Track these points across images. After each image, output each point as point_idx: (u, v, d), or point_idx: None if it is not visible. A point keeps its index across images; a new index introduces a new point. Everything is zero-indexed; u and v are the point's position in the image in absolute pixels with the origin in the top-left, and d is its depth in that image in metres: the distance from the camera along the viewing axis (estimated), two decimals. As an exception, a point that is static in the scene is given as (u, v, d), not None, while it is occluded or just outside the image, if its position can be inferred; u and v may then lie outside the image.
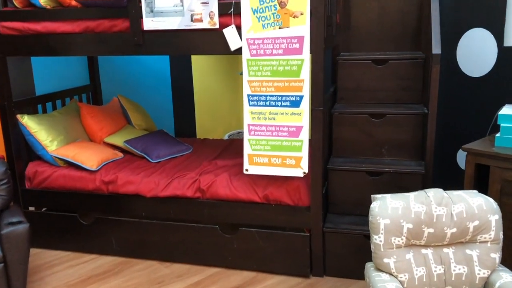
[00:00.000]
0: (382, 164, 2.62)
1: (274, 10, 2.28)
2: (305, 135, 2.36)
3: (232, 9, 2.33)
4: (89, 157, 2.84)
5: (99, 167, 2.84)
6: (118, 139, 3.18)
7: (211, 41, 2.40)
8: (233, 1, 2.33)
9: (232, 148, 3.28)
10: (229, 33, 2.35)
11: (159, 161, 2.99)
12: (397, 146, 2.68)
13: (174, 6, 2.40)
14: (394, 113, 2.64)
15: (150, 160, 2.99)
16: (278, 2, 2.27)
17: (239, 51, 2.37)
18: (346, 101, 2.86)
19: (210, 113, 4.19)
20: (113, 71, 4.00)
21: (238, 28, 2.35)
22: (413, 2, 2.99)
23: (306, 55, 2.28)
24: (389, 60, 2.78)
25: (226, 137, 4.02)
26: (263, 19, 2.30)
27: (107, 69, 3.99)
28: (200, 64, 3.92)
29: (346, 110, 2.70)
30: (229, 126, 4.34)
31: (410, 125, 2.63)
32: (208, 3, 2.36)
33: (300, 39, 2.27)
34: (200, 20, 2.38)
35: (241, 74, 3.87)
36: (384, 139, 2.69)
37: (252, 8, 2.31)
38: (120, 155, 3.08)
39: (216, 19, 2.36)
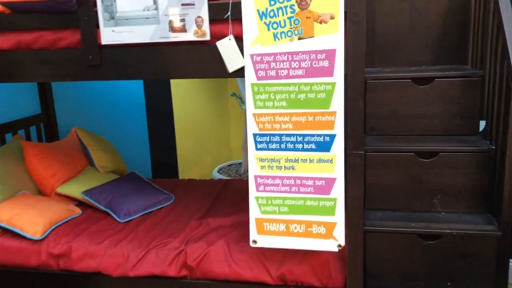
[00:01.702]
0: (437, 221, 1.91)
1: (292, 13, 1.57)
2: (339, 191, 1.64)
3: (229, 13, 1.61)
4: (32, 220, 2.06)
5: (45, 234, 2.06)
6: (75, 188, 2.40)
7: (199, 60, 1.68)
8: (230, 1, 1.62)
9: (227, 193, 2.53)
10: (226, 47, 1.63)
11: (129, 220, 2.22)
12: (454, 195, 1.98)
13: (144, 9, 1.67)
14: (450, 151, 1.95)
15: (118, 219, 2.22)
16: (297, 2, 1.56)
17: (240, 72, 1.65)
18: (379, 132, 2.16)
19: (195, 142, 3.45)
20: (72, 95, 3.20)
21: (239, 40, 1.63)
22: (457, 2, 2.32)
23: (339, 77, 1.57)
24: (434, 79, 2.09)
25: (215, 172, 3.27)
26: (274, 26, 1.59)
27: (64, 93, 3.19)
28: (181, 84, 3.18)
29: (383, 146, 2.00)
30: (218, 158, 3.59)
31: (472, 165, 1.94)
32: (194, 4, 1.63)
33: (330, 54, 1.56)
34: (183, 30, 1.65)
35: (233, 95, 3.14)
36: (436, 185, 1.99)
37: (258, 11, 1.59)
38: (77, 211, 2.30)
39: (206, 27, 1.64)
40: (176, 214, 2.28)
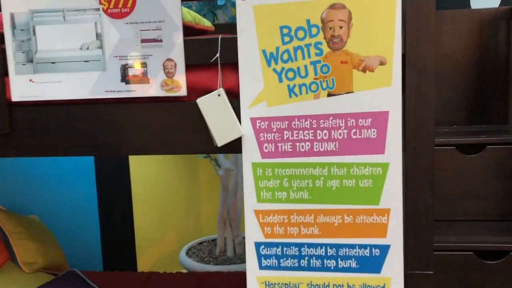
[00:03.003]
0: None
1: (318, 55, 0.99)
2: (396, 338, 1.03)
3: (218, 54, 1.02)
4: None
5: None
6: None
7: (168, 126, 1.06)
8: (220, 36, 1.03)
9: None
10: (212, 106, 1.03)
11: None
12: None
13: (82, 48, 1.05)
14: (524, 249, 1.39)
15: None
16: (325, 38, 0.99)
17: (234, 146, 1.04)
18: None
19: (157, 214, 2.78)
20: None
21: (233, 96, 1.04)
22: (493, 48, 1.83)
23: (394, 155, 0.99)
24: (486, 145, 1.56)
25: (183, 255, 2.59)
26: (290, 75, 1.01)
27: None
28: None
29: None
30: (186, 233, 2.91)
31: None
32: (160, 40, 1.03)
33: (380, 118, 0.99)
34: (143, 79, 1.05)
35: (207, 157, 2.52)
36: (505, 298, 1.42)
37: (265, 52, 1.01)
38: None
39: (180, 75, 1.04)
40: None
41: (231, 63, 1.03)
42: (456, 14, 1.84)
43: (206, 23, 1.32)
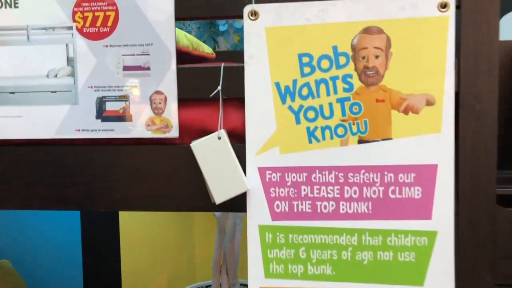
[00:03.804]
0: None
1: (347, 90, 0.78)
2: None
3: (219, 87, 0.81)
4: None
5: None
6: None
7: (155, 176, 0.84)
8: (222, 65, 0.82)
9: None
10: (210, 152, 0.81)
11: None
12: None
13: (49, 75, 0.84)
14: None
15: None
16: (356, 69, 0.78)
17: (238, 204, 0.82)
18: None
19: (147, 255, 2.54)
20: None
21: (237, 140, 0.82)
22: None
23: (443, 222, 0.77)
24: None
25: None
26: (310, 115, 0.79)
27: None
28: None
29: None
30: (178, 277, 2.67)
31: None
32: (147, 68, 0.82)
33: (426, 174, 0.77)
34: (125, 116, 0.83)
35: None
36: None
37: (278, 85, 0.80)
38: None
39: (171, 112, 0.82)
40: None
41: (236, 98, 0.82)
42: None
43: (206, 49, 1.11)
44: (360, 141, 0.79)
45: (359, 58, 0.78)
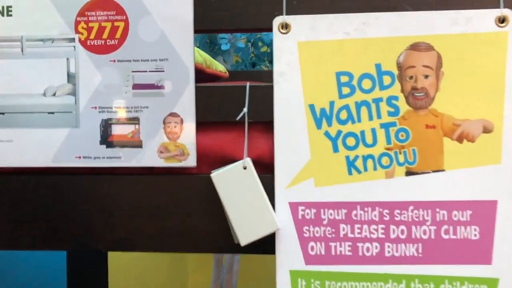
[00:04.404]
0: None
1: (392, 114, 0.68)
2: None
3: (245, 109, 0.70)
4: None
5: None
6: None
7: (168, 210, 0.72)
8: (247, 84, 0.71)
9: None
10: (233, 184, 0.70)
11: None
12: None
13: (46, 94, 0.73)
14: None
15: None
16: (404, 90, 0.68)
17: (265, 245, 0.70)
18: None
19: (134, 274, 2.39)
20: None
21: (264, 170, 0.71)
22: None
23: (506, 267, 0.67)
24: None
25: None
26: (350, 142, 0.69)
27: None
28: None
29: None
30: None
31: None
32: (162, 87, 0.71)
33: (484, 211, 0.67)
34: (134, 141, 0.72)
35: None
36: None
37: (313, 108, 0.69)
38: None
39: (188, 137, 0.71)
40: None
41: (262, 122, 0.71)
42: None
43: (219, 67, 1.01)
44: (408, 173, 0.68)
45: (406, 78, 0.68)
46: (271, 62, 2.15)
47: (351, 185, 0.69)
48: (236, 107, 0.71)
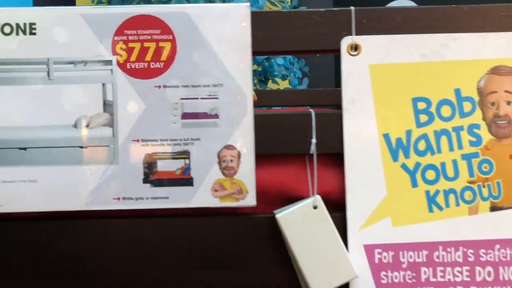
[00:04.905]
0: None
1: (473, 144, 0.62)
2: None
3: (313, 139, 0.62)
4: None
5: None
6: None
7: (229, 259, 0.63)
8: (311, 111, 0.64)
9: None
10: (302, 226, 0.61)
11: None
12: None
13: (76, 126, 0.62)
14: None
15: None
16: (486, 118, 0.63)
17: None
18: None
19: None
20: None
21: (335, 209, 0.63)
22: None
23: None
24: None
25: None
26: (430, 175, 0.62)
27: None
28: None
29: None
30: None
31: None
32: (216, 116, 0.62)
33: None
34: (183, 178, 0.62)
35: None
36: None
37: (388, 137, 0.62)
38: None
39: (246, 173, 0.62)
40: None
41: (330, 155, 0.64)
42: None
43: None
44: (493, 208, 0.62)
45: (487, 104, 0.62)
46: (261, 81, 2.09)
47: (432, 224, 0.62)
48: (299, 138, 0.63)
